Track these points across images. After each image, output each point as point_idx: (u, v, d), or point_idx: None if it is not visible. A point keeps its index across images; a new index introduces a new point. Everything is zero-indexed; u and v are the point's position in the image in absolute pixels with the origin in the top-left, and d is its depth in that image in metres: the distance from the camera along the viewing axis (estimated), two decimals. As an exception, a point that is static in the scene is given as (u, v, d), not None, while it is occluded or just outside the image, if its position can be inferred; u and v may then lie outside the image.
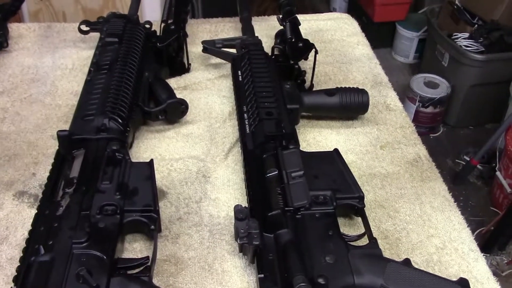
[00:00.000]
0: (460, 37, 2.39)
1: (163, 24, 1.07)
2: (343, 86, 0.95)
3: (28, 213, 0.79)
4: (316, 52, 0.97)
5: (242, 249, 0.71)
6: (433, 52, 2.50)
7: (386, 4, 2.86)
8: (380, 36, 2.75)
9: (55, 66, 1.10)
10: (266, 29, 1.21)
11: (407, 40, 2.83)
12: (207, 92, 1.04)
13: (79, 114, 0.87)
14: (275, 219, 0.70)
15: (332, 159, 0.81)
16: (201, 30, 1.21)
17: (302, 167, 0.76)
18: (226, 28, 1.25)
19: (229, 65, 1.10)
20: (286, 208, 0.72)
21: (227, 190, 0.84)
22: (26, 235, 0.76)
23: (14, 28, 1.20)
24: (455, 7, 2.48)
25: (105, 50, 0.99)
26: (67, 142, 0.80)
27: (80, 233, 0.67)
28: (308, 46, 0.97)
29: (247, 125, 0.87)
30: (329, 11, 3.25)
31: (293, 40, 1.00)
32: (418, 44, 2.83)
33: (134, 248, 0.75)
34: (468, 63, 2.21)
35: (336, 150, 0.82)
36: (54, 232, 0.68)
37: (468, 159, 2.05)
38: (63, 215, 0.70)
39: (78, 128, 0.83)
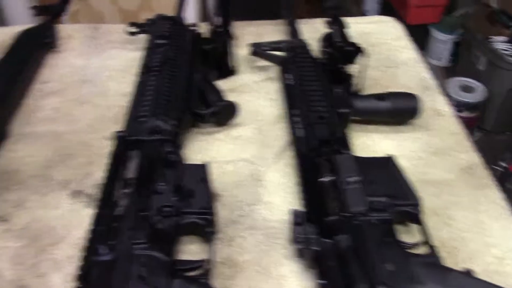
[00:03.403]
0: (497, 40, 2.36)
1: (210, 27, 1.07)
2: (393, 91, 0.94)
3: (84, 213, 0.80)
4: (365, 55, 0.97)
5: (300, 254, 0.71)
6: (469, 55, 2.46)
7: (420, 6, 2.83)
8: (413, 39, 2.72)
9: (104, 67, 1.12)
10: (311, 31, 1.20)
11: (441, 43, 2.80)
12: (255, 95, 1.04)
13: (132, 115, 0.88)
14: (334, 225, 0.70)
15: (387, 165, 0.80)
16: (245, 33, 1.22)
17: (358, 173, 0.76)
18: (269, 31, 1.25)
19: (275, 67, 1.10)
20: (343, 214, 0.72)
21: (279, 193, 0.84)
22: (83, 234, 0.77)
23: (62, 29, 1.22)
24: (492, 9, 2.45)
25: (154, 51, 1.00)
26: (123, 143, 0.82)
27: (140, 234, 0.68)
28: (357, 50, 0.97)
29: (298, 129, 0.87)
30: (361, 13, 3.23)
31: (342, 43, 0.99)
32: (452, 47, 2.79)
33: (190, 250, 0.75)
34: (506, 67, 2.18)
35: (390, 156, 0.81)
36: (114, 232, 0.69)
37: (505, 165, 2.01)
38: (122, 215, 0.71)
39: (132, 129, 0.84)
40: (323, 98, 0.89)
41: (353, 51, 0.97)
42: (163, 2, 2.31)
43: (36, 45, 1.13)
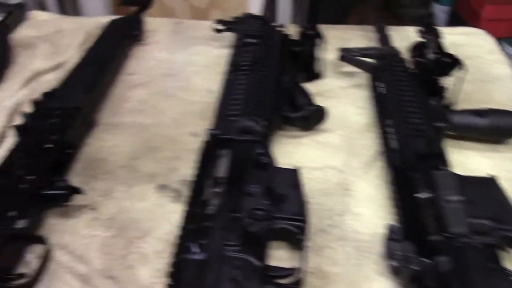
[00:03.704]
0: None
1: (298, 29, 1.05)
2: (492, 108, 0.90)
3: (170, 208, 0.80)
4: (462, 68, 0.92)
5: (395, 272, 0.68)
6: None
7: (493, 19, 2.72)
8: (483, 53, 2.62)
9: (189, 62, 1.12)
10: (399, 39, 1.17)
11: (513, 58, 2.68)
12: (341, 101, 1.01)
13: (222, 113, 0.87)
14: (436, 245, 0.67)
15: (489, 186, 0.76)
16: (330, 37, 1.19)
17: (458, 191, 0.73)
18: (355, 36, 1.22)
19: (362, 74, 1.07)
20: (444, 234, 0.69)
21: (369, 205, 0.81)
22: (169, 229, 0.77)
23: (148, 21, 1.23)
24: None
25: (244, 50, 0.99)
26: (215, 141, 0.81)
27: (233, 236, 0.67)
28: (455, 62, 0.93)
29: (392, 140, 0.84)
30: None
31: (438, 54, 0.95)
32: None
33: (280, 256, 0.73)
34: None
35: (492, 176, 0.77)
36: (206, 231, 0.67)
37: None
38: (214, 215, 0.70)
39: (223, 128, 0.83)
40: (419, 110, 0.86)
41: (450, 63, 0.93)
42: (234, 1, 2.32)
43: (124, 36, 1.14)
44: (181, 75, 1.08)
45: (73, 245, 0.74)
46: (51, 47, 1.16)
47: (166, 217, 0.79)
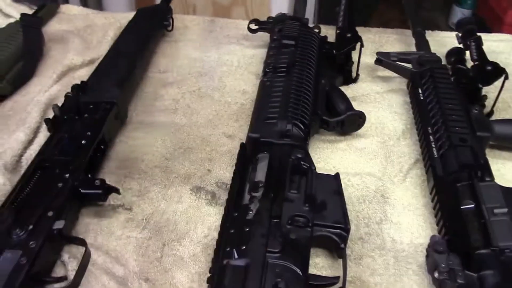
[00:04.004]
0: None
1: (337, 31, 1.04)
2: (536, 118, 0.88)
3: (206, 210, 0.79)
4: (507, 77, 0.90)
5: (439, 284, 0.66)
6: None
7: (517, 24, 2.68)
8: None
9: (221, 62, 1.11)
10: (433, 44, 1.14)
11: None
12: (377, 105, 1.00)
13: (260, 116, 0.85)
14: (482, 258, 0.65)
15: (536, 199, 0.74)
16: (364, 40, 1.16)
17: (504, 204, 0.71)
18: (390, 40, 1.20)
19: (398, 79, 1.05)
20: (490, 248, 0.67)
21: (408, 214, 0.79)
22: (206, 232, 0.76)
23: (179, 19, 1.22)
24: None
25: (281, 52, 0.97)
26: (255, 144, 0.79)
27: (274, 242, 0.65)
28: (498, 71, 0.91)
29: (434, 148, 0.82)
30: (448, 26, 3.10)
31: (480, 62, 0.93)
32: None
33: (317, 263, 0.72)
34: None
35: (541, 190, 0.75)
36: (246, 236, 0.66)
37: None
38: (254, 220, 0.68)
39: (262, 131, 0.82)
40: (463, 119, 0.84)
41: (494, 72, 0.90)
42: (257, -1, 2.30)
43: (153, 25, 1.13)
44: (213, 75, 1.07)
45: (108, 246, 0.73)
46: (83, 42, 1.16)
47: (202, 220, 0.78)
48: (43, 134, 0.89)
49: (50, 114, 0.94)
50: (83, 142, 0.81)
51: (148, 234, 0.75)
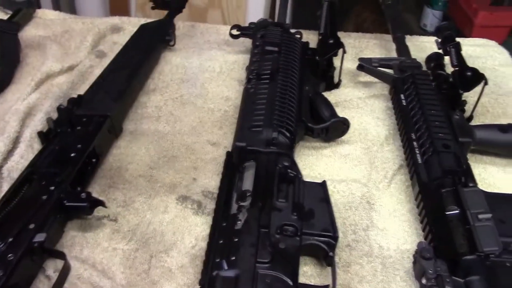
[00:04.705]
0: None
1: (319, 37, 1.04)
2: (513, 123, 0.90)
3: (193, 220, 0.78)
4: (486, 83, 0.92)
5: (426, 291, 0.67)
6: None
7: (486, 26, 2.73)
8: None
9: (203, 68, 1.10)
10: (411, 50, 1.15)
11: (506, 66, 2.71)
12: (360, 111, 1.00)
13: (245, 124, 0.85)
14: (469, 264, 0.66)
15: (516, 203, 0.76)
16: (345, 45, 1.18)
17: (488, 209, 0.72)
18: (370, 45, 1.21)
19: (380, 84, 1.06)
20: (476, 253, 0.68)
21: (394, 220, 0.80)
22: (193, 242, 0.75)
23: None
24: None
25: (265, 58, 0.97)
26: (241, 153, 0.79)
27: (263, 252, 0.65)
28: (478, 76, 0.92)
29: (418, 155, 0.83)
30: (420, 28, 3.15)
31: (460, 68, 0.95)
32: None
33: (305, 272, 0.72)
34: None
35: (520, 193, 0.77)
36: (235, 247, 0.66)
37: None
38: (243, 230, 0.68)
39: (248, 139, 0.81)
40: (446, 125, 0.85)
41: (474, 77, 0.92)
42: (233, 1, 2.30)
43: (156, 41, 1.12)
44: (196, 81, 1.06)
45: (94, 258, 0.72)
46: (61, 48, 1.14)
47: (189, 230, 0.77)
48: (25, 144, 0.87)
49: (30, 123, 0.92)
50: (72, 154, 0.79)
51: (135, 245, 0.74)
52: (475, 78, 0.92)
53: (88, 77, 1.06)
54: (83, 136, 0.82)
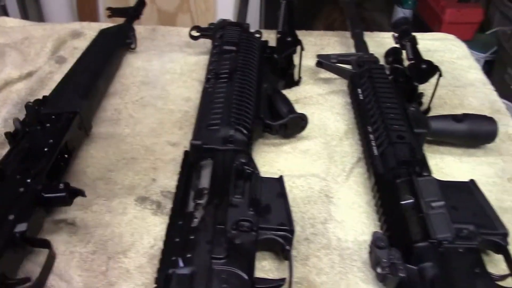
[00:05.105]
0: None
1: (277, 35, 1.05)
2: (470, 113, 0.91)
3: (152, 220, 0.78)
4: (441, 75, 0.94)
5: (381, 279, 0.68)
6: (502, 75, 2.42)
7: (454, 23, 2.78)
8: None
9: (164, 70, 1.10)
10: (373, 45, 1.17)
11: (473, 61, 2.75)
12: (319, 107, 1.02)
13: (203, 123, 0.85)
14: (422, 251, 0.67)
15: (470, 191, 0.77)
16: (305, 43, 1.18)
17: (441, 197, 0.73)
18: (331, 42, 1.22)
19: (339, 80, 1.07)
20: (429, 240, 0.69)
21: (352, 212, 0.81)
22: (152, 242, 0.75)
23: (120, 28, 1.21)
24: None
25: (223, 58, 0.97)
26: (197, 151, 0.79)
27: (219, 249, 0.65)
28: (433, 68, 0.94)
29: (374, 147, 0.84)
30: (390, 26, 3.19)
31: (416, 61, 0.97)
32: (483, 66, 2.75)
33: (263, 267, 0.72)
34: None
35: (472, 181, 0.78)
36: (191, 244, 0.66)
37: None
38: (199, 227, 0.68)
39: (204, 138, 0.82)
40: (400, 117, 0.86)
41: (428, 70, 0.94)
42: (202, 5, 2.30)
43: (117, 44, 1.12)
44: (156, 83, 1.06)
45: (51, 262, 0.71)
46: (20, 55, 1.13)
47: (148, 230, 0.77)
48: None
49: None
50: (45, 149, 0.79)
51: (92, 248, 0.74)
52: (430, 70, 0.94)
53: (48, 83, 1.06)
54: (53, 132, 0.82)
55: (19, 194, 0.71)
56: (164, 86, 1.06)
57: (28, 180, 0.73)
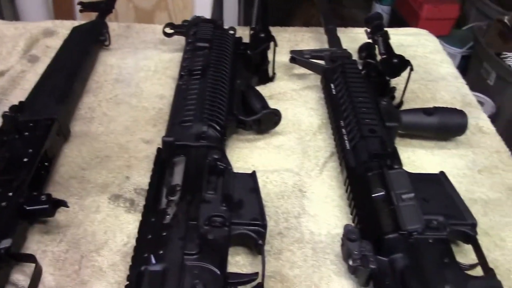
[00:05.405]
0: (510, 56, 2.35)
1: (251, 32, 1.05)
2: (440, 106, 0.93)
3: (125, 218, 0.78)
4: (412, 69, 0.95)
5: (353, 271, 0.69)
6: (478, 70, 2.45)
7: (431, 19, 2.81)
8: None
9: (138, 68, 1.10)
10: (347, 41, 1.18)
11: (450, 56, 2.78)
12: (294, 103, 1.02)
13: (176, 120, 0.85)
14: (392, 243, 0.68)
15: (440, 182, 0.78)
16: (280, 39, 1.19)
17: (412, 189, 0.74)
18: (305, 38, 1.23)
19: (313, 76, 1.08)
20: (399, 232, 0.70)
21: (325, 206, 0.81)
22: (125, 240, 0.75)
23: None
24: (505, 25, 2.44)
25: (196, 55, 0.97)
26: (170, 148, 0.79)
27: (191, 245, 0.65)
28: (404, 63, 0.95)
29: (346, 141, 0.85)
30: (369, 22, 3.21)
31: (387, 56, 0.98)
32: (460, 61, 2.78)
33: (237, 262, 0.73)
34: (517, 83, 2.16)
35: (442, 173, 0.79)
36: (163, 241, 0.66)
37: None
38: (171, 224, 0.68)
39: (177, 134, 0.82)
40: (372, 111, 0.87)
41: (399, 64, 0.95)
42: (179, 3, 2.29)
43: (90, 42, 1.10)
44: (130, 81, 1.06)
45: (22, 263, 0.70)
46: (-9, 54, 1.11)
47: (121, 228, 0.76)
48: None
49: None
50: (25, 159, 0.77)
51: (65, 247, 0.73)
52: (401, 65, 0.95)
53: (20, 82, 1.04)
54: (32, 141, 0.80)
55: (0, 208, 0.70)
56: (138, 84, 1.05)
57: (10, 194, 0.72)
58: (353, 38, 1.21)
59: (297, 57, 1.03)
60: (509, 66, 2.26)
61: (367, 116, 0.86)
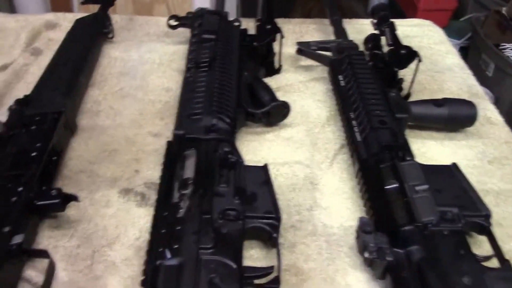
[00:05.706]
0: (508, 47, 2.36)
1: (256, 23, 1.04)
2: (450, 97, 0.92)
3: (136, 212, 0.77)
4: (420, 60, 0.94)
5: (369, 264, 0.69)
6: (477, 61, 2.45)
7: (429, 10, 2.81)
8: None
9: (143, 60, 1.09)
10: (352, 32, 1.17)
11: (449, 47, 2.79)
12: (301, 95, 1.01)
13: (185, 112, 0.84)
14: (408, 235, 0.68)
15: (452, 174, 0.78)
16: (285, 31, 1.17)
17: (425, 181, 0.74)
18: (310, 30, 1.22)
19: (320, 68, 1.07)
20: (414, 224, 0.70)
21: (337, 199, 0.81)
22: (137, 234, 0.74)
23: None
24: (503, 16, 2.44)
25: (202, 47, 0.96)
26: (180, 141, 0.78)
27: (206, 239, 0.65)
28: (412, 54, 0.95)
29: (356, 133, 0.85)
30: (367, 14, 3.20)
31: (395, 47, 0.97)
32: (459, 52, 2.78)
33: (252, 255, 0.72)
34: (515, 74, 2.17)
35: (454, 164, 0.79)
36: (178, 235, 0.65)
37: None
38: (185, 218, 0.68)
39: (187, 127, 0.81)
40: (382, 102, 0.87)
41: (407, 55, 0.94)
42: (177, -6, 2.27)
43: (94, 34, 1.09)
44: (135, 74, 1.05)
45: (34, 258, 0.69)
46: (-6, 47, 1.10)
47: (133, 222, 0.76)
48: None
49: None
50: (33, 154, 0.76)
51: (76, 242, 0.72)
52: (409, 55, 0.95)
53: (24, 76, 1.03)
54: (39, 134, 0.79)
55: (11, 204, 0.69)
56: (143, 77, 1.04)
57: (20, 189, 0.71)
58: (358, 29, 1.20)
59: (304, 49, 1.02)
60: (508, 57, 2.26)
61: (376, 107, 0.85)
